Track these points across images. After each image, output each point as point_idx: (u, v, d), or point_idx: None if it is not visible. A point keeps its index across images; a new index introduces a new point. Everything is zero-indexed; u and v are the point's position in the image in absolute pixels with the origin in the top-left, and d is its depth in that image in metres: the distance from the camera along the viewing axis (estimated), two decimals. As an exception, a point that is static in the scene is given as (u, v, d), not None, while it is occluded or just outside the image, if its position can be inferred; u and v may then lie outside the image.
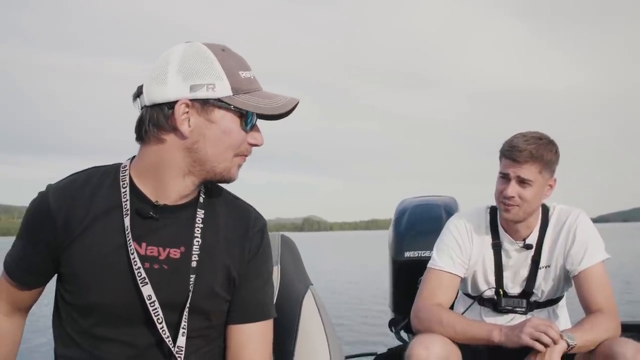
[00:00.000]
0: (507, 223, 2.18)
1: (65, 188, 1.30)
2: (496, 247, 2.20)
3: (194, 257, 1.28)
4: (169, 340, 1.25)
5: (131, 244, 1.24)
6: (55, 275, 1.33)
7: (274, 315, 1.40)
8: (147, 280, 1.24)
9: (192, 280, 1.27)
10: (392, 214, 3.12)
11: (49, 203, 1.27)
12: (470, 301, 2.28)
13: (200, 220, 1.32)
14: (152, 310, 1.23)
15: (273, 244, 1.53)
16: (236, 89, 1.24)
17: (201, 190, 1.35)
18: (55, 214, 1.26)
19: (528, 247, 2.17)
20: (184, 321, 1.26)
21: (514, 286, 2.20)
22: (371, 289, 12.04)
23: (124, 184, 1.29)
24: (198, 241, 1.30)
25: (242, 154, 1.30)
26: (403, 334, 2.84)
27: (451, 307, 2.20)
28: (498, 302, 2.21)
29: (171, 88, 1.22)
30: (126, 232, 1.25)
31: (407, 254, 2.84)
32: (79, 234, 1.26)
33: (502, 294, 2.20)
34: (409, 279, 2.71)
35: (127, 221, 1.26)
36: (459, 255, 2.17)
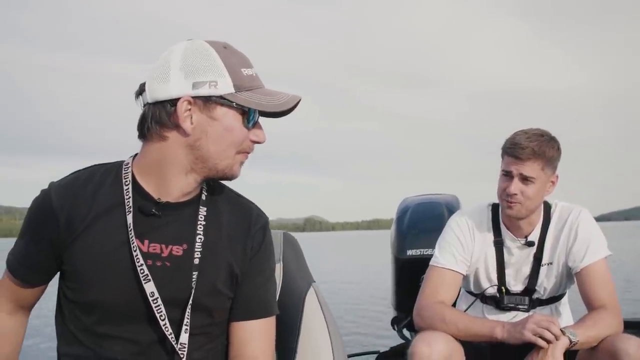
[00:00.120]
0: (509, 220, 2.18)
1: (67, 186, 1.31)
2: (498, 245, 2.20)
3: (197, 254, 1.29)
4: (171, 337, 1.25)
5: (134, 241, 1.25)
6: (58, 273, 1.34)
7: (277, 312, 1.40)
8: (149, 278, 1.24)
9: (194, 277, 1.27)
10: (394, 213, 3.12)
11: (52, 201, 1.28)
12: (473, 299, 2.28)
13: (202, 218, 1.32)
14: (155, 307, 1.24)
15: (275, 241, 1.53)
16: (238, 86, 1.24)
17: (203, 188, 1.36)
18: (57, 212, 1.27)
19: (530, 244, 2.17)
20: (186, 318, 1.27)
21: (516, 284, 2.20)
22: (373, 289, 12.03)
23: (126, 181, 1.29)
24: (200, 238, 1.30)
25: (244, 151, 1.30)
26: (406, 332, 2.84)
27: (453, 305, 2.20)
28: (500, 300, 2.22)
29: (173, 85, 1.22)
30: (129, 230, 1.25)
31: (410, 252, 2.84)
32: (81, 232, 1.26)
33: (504, 291, 2.20)
34: (411, 277, 2.71)
35: (130, 218, 1.26)
36: (460, 252, 2.17)
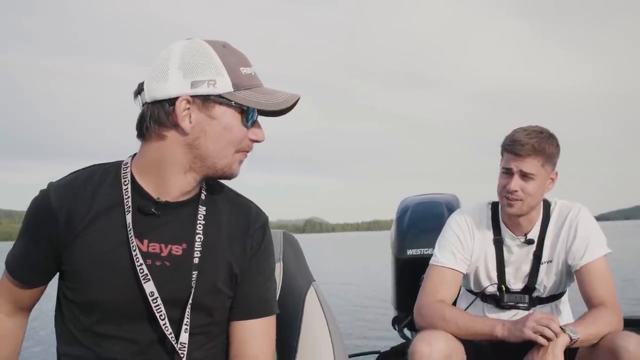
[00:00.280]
0: (509, 218, 2.18)
1: (66, 186, 1.30)
2: (498, 243, 2.20)
3: (196, 254, 1.29)
4: (171, 337, 1.24)
5: (133, 241, 1.25)
6: (57, 274, 1.33)
7: (277, 311, 1.40)
8: (149, 277, 1.24)
9: (194, 276, 1.27)
10: (394, 214, 3.12)
11: (51, 201, 1.28)
12: (473, 297, 2.28)
13: (202, 217, 1.32)
14: (155, 306, 1.23)
15: (275, 240, 1.53)
16: (237, 85, 1.24)
17: (202, 187, 1.35)
18: (57, 212, 1.26)
19: (530, 242, 2.17)
20: (186, 317, 1.26)
21: (516, 282, 2.20)
22: (373, 290, 12.02)
23: (125, 181, 1.29)
24: (200, 238, 1.30)
25: (243, 150, 1.30)
26: (406, 331, 2.84)
27: (454, 304, 2.20)
28: (500, 298, 2.21)
29: (172, 84, 1.22)
30: (128, 229, 1.25)
31: (410, 252, 2.84)
32: (80, 231, 1.26)
33: (504, 289, 2.20)
34: (411, 277, 2.71)
35: (129, 218, 1.26)
36: (460, 251, 2.17)
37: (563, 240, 2.14)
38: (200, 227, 1.31)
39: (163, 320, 1.24)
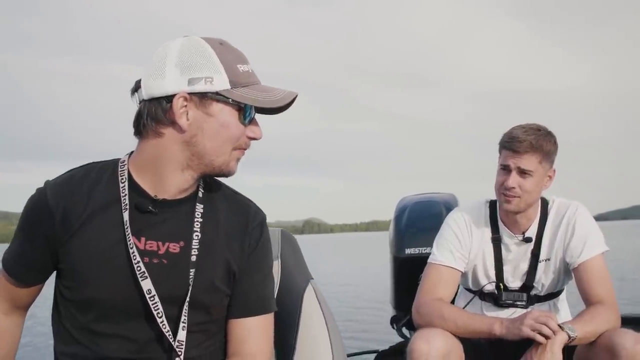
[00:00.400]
0: (506, 216, 2.18)
1: (63, 184, 1.30)
2: (496, 241, 2.20)
3: (194, 252, 1.28)
4: (169, 335, 1.24)
5: (130, 239, 1.24)
6: (54, 273, 1.33)
7: (275, 309, 1.40)
8: (146, 275, 1.23)
9: (191, 274, 1.27)
10: (392, 214, 3.12)
11: (47, 199, 1.27)
12: (471, 296, 2.27)
13: (199, 215, 1.32)
14: (152, 304, 1.23)
15: (273, 238, 1.53)
16: (234, 83, 1.24)
17: (200, 185, 1.35)
18: (53, 210, 1.26)
19: (527, 240, 2.17)
20: (184, 315, 1.26)
21: (514, 280, 2.20)
22: (371, 291, 12.02)
23: (122, 178, 1.29)
24: (197, 235, 1.30)
25: (241, 148, 1.30)
26: (405, 330, 2.84)
27: (452, 302, 2.20)
28: (499, 297, 2.21)
29: (169, 82, 1.22)
30: (125, 227, 1.25)
31: (408, 251, 2.84)
32: (77, 229, 1.26)
33: (502, 288, 2.20)
34: (410, 276, 2.71)
35: (126, 216, 1.25)
36: (458, 249, 2.17)
37: (561, 238, 2.14)
38: (197, 225, 1.30)
39: (160, 318, 1.24)
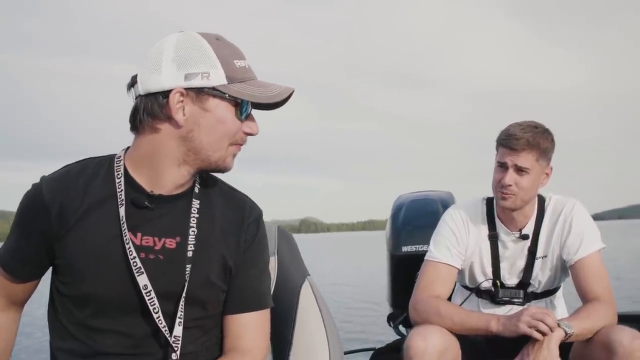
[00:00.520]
0: (503, 213, 2.18)
1: (59, 179, 1.30)
2: (493, 238, 2.20)
3: (190, 247, 1.28)
4: (165, 330, 1.24)
5: (126, 234, 1.24)
6: (50, 269, 1.33)
7: (271, 305, 1.40)
8: (142, 270, 1.23)
9: (188, 270, 1.27)
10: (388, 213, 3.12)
11: (43, 194, 1.27)
12: (468, 293, 2.28)
13: (195, 210, 1.31)
14: (148, 300, 1.23)
15: (270, 234, 1.53)
16: (231, 78, 1.23)
17: (196, 181, 1.35)
18: (49, 205, 1.26)
19: (524, 237, 2.17)
20: (180, 311, 1.26)
21: (511, 277, 2.21)
22: (368, 290, 12.02)
23: (118, 174, 1.28)
24: (194, 231, 1.29)
25: (237, 143, 1.30)
26: (402, 328, 2.84)
27: (449, 299, 2.20)
28: (495, 294, 2.21)
29: (166, 77, 1.21)
30: (121, 222, 1.25)
31: (405, 249, 2.84)
32: (73, 225, 1.25)
33: (499, 285, 2.20)
34: (406, 274, 2.70)
35: (122, 211, 1.25)
36: (455, 246, 2.17)
37: (558, 235, 2.14)
38: (194, 220, 1.30)
39: (157, 313, 1.23)
